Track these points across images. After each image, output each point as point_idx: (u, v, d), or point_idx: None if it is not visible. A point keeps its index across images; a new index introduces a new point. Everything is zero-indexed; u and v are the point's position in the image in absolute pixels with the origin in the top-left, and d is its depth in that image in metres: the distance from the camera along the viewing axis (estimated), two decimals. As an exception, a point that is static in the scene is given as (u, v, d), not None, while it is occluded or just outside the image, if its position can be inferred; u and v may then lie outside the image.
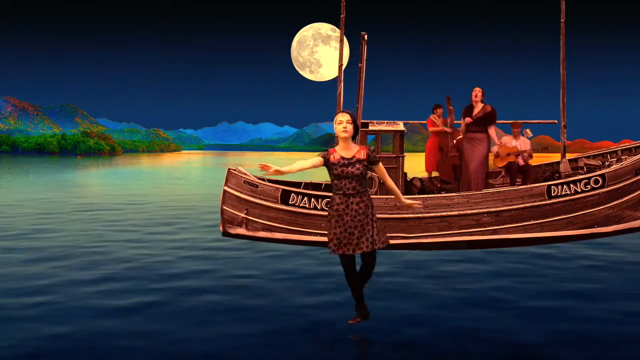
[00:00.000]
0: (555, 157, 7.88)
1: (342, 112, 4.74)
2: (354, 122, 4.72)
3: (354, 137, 4.74)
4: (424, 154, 8.41)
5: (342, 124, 4.67)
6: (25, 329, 5.14)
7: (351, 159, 4.66)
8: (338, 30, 7.23)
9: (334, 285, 6.72)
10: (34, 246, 9.24)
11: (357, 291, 4.95)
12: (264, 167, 4.42)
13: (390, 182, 4.89)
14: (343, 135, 4.66)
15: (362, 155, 4.68)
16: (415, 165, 13.43)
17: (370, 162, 4.70)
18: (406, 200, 5.05)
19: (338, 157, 4.67)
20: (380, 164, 4.81)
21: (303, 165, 4.66)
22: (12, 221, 12.30)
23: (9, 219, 12.63)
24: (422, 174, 8.56)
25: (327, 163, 4.68)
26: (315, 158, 4.70)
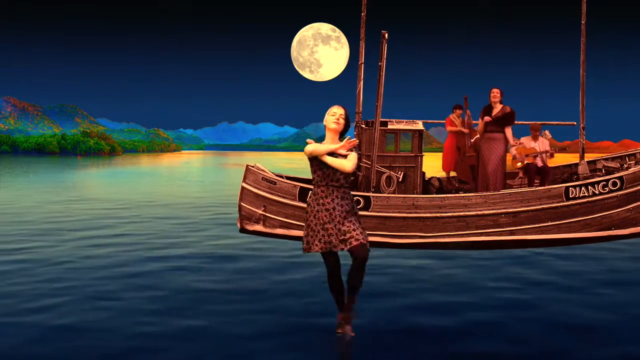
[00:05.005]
0: (562, 158, 7.88)
1: (339, 106, 4.63)
2: (347, 119, 4.61)
3: (341, 135, 4.63)
4: (428, 153, 8.40)
5: (335, 115, 4.57)
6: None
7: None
8: (338, 30, 7.21)
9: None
10: (53, 253, 9.21)
11: (341, 293, 4.73)
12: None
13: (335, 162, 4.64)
14: (333, 126, 4.56)
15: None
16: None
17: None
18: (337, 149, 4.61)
19: None
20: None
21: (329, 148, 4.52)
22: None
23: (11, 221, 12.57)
24: (431, 173, 8.52)
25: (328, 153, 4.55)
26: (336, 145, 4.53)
